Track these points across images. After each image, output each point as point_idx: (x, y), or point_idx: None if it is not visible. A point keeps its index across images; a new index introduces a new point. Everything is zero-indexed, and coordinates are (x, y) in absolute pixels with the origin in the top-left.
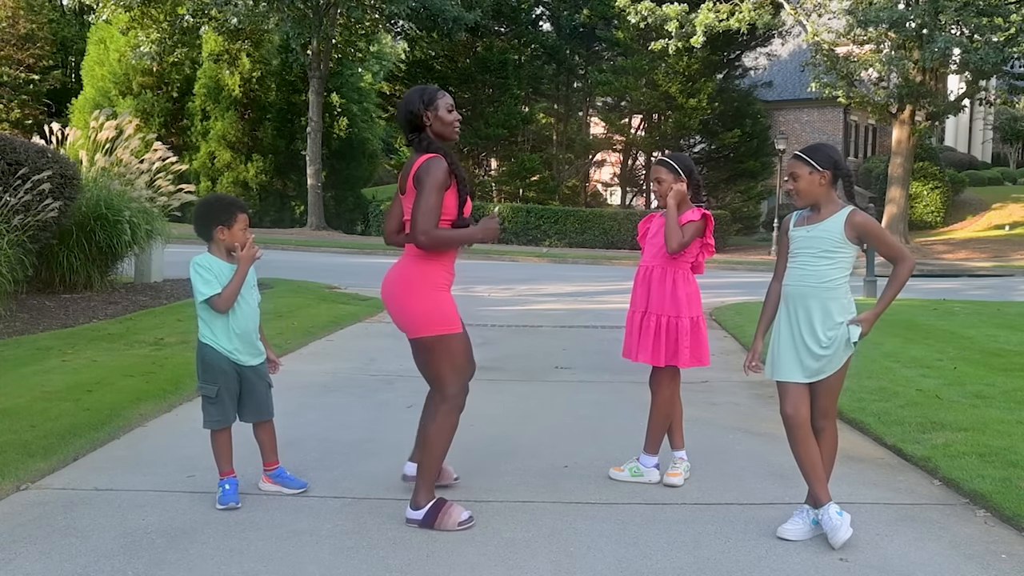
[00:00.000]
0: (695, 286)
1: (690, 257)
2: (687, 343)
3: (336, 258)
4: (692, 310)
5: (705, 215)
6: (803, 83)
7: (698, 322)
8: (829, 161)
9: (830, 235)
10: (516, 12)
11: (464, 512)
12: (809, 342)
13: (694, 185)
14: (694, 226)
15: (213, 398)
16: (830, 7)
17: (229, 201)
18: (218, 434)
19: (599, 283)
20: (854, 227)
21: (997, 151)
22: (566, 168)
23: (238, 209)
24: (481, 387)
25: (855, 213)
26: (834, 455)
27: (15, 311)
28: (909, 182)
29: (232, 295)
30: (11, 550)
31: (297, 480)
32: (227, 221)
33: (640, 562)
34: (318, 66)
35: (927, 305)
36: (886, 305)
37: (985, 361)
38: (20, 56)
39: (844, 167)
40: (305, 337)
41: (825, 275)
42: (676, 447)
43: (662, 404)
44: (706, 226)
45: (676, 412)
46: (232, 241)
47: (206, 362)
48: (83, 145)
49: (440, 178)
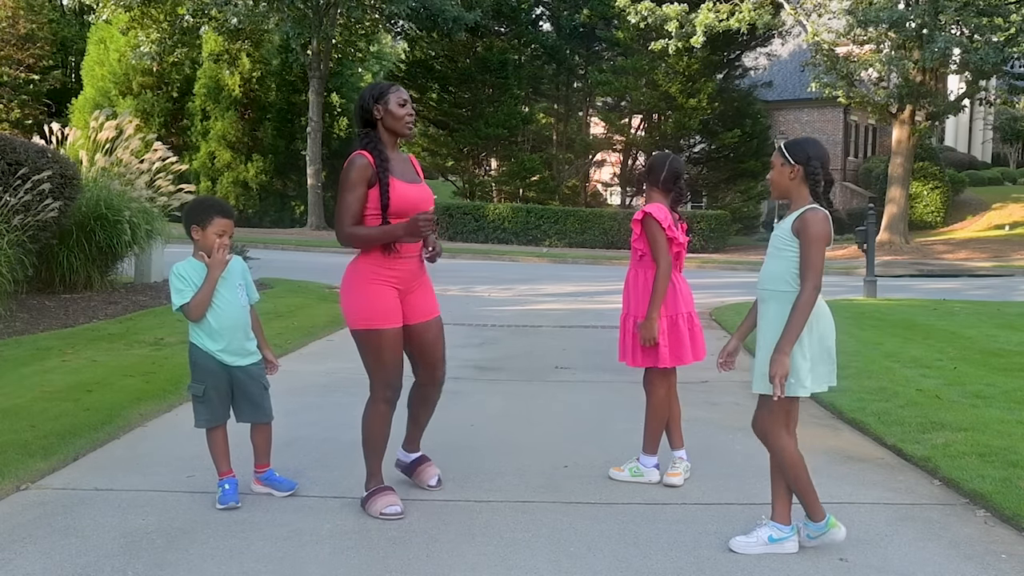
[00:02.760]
0: (674, 285)
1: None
2: (665, 342)
3: (336, 258)
4: (668, 309)
5: (646, 213)
6: (803, 83)
7: (676, 320)
8: (803, 156)
9: (783, 232)
10: (516, 12)
11: (392, 506)
12: (759, 346)
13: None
14: (639, 228)
15: (200, 397)
16: (830, 7)
17: (210, 203)
18: (211, 433)
19: (599, 283)
20: (797, 225)
21: (997, 151)
22: (566, 168)
23: (216, 212)
24: (481, 387)
25: (808, 211)
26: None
27: (15, 311)
28: (909, 182)
29: (202, 303)
30: (11, 550)
31: (287, 481)
32: (201, 221)
33: (640, 562)
34: (318, 66)
35: (927, 305)
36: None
37: (985, 361)
38: (20, 56)
39: (815, 165)
40: (305, 337)
41: (775, 275)
42: (675, 447)
43: (656, 404)
44: (653, 225)
45: (674, 412)
46: (204, 243)
47: (194, 362)
48: (83, 145)
49: (351, 177)
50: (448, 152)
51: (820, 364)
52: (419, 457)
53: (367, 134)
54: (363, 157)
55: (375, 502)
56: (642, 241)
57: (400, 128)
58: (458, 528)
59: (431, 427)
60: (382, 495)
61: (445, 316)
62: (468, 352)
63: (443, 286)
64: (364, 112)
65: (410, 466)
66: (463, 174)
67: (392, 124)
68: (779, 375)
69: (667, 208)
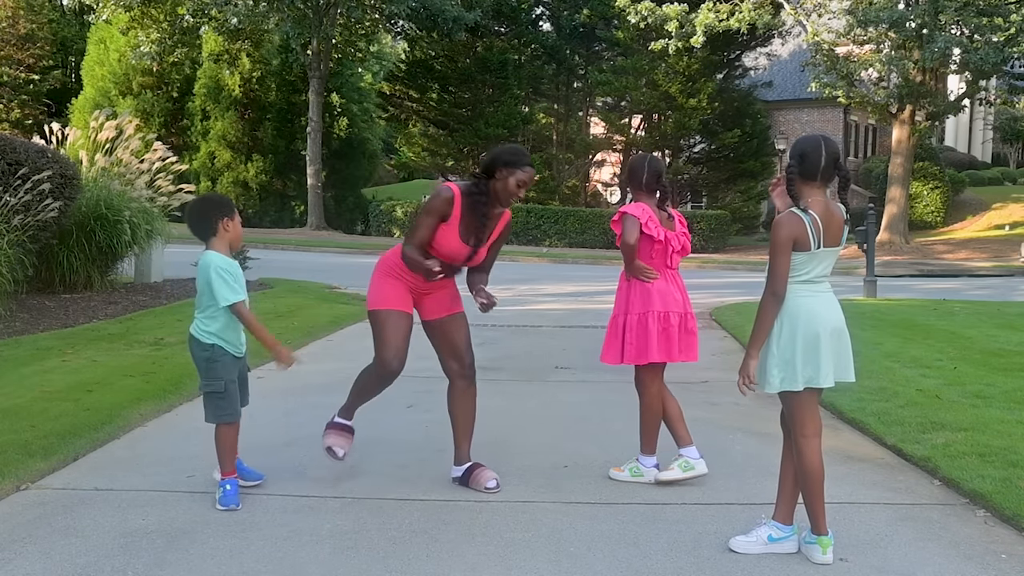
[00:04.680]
0: (652, 284)
1: (642, 256)
2: (631, 339)
3: (336, 258)
4: (638, 306)
5: (623, 213)
6: (803, 83)
7: (645, 319)
8: (792, 153)
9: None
10: (516, 12)
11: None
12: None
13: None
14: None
15: (223, 393)
16: (830, 7)
17: (224, 198)
18: (228, 428)
19: (599, 283)
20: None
21: (997, 151)
22: (566, 168)
23: (233, 206)
24: (481, 387)
25: (784, 214)
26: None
27: (15, 311)
28: (909, 182)
29: (251, 316)
30: (11, 550)
31: (254, 472)
32: (231, 213)
33: (640, 562)
34: (318, 66)
35: (927, 305)
36: (754, 343)
37: (985, 361)
38: (20, 56)
39: (792, 162)
40: (305, 337)
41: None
42: (680, 444)
43: (647, 403)
44: (624, 220)
45: (672, 410)
46: (236, 232)
47: (213, 360)
48: (83, 145)
49: (432, 204)
50: (448, 152)
51: (805, 365)
52: (471, 466)
53: (480, 183)
54: (450, 191)
55: (329, 435)
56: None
57: (504, 201)
58: (458, 528)
59: (431, 427)
60: (337, 432)
61: None
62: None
63: None
64: (490, 165)
65: (464, 477)
66: (463, 174)
67: (501, 193)
68: (741, 376)
69: (651, 207)
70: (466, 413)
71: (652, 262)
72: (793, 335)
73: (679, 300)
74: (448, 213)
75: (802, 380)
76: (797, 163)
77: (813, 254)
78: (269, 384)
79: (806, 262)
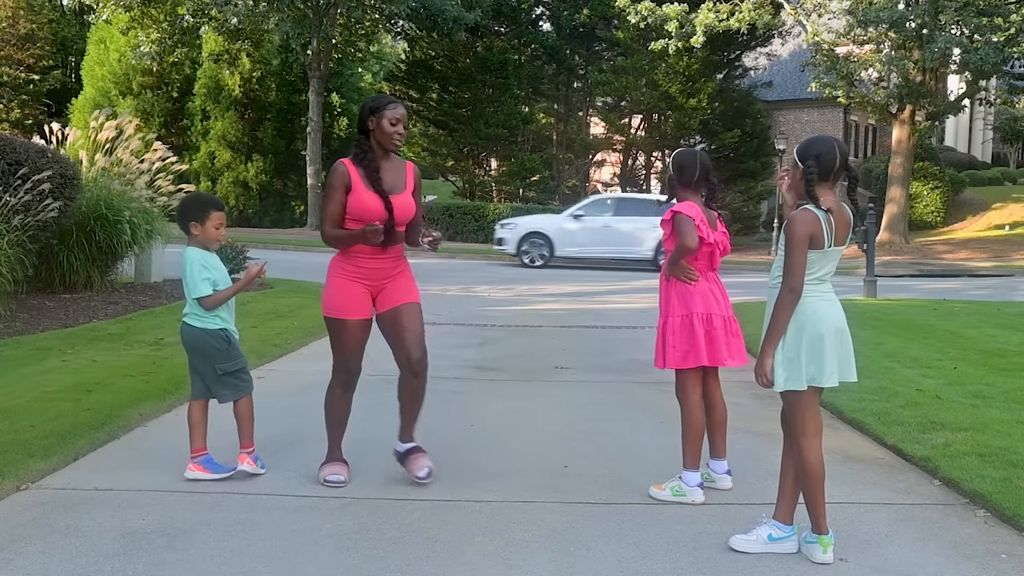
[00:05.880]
0: (694, 285)
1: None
2: (673, 342)
3: None
4: (682, 308)
5: (675, 212)
6: (803, 83)
7: (691, 320)
8: (803, 155)
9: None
10: (516, 12)
11: (336, 475)
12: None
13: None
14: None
15: (243, 368)
16: (830, 7)
17: (205, 199)
18: (246, 401)
19: (599, 283)
20: (786, 225)
21: (997, 151)
22: (566, 168)
23: (212, 207)
24: (481, 387)
25: (798, 211)
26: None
27: (15, 311)
28: (909, 182)
29: (220, 302)
30: (11, 550)
31: (224, 466)
32: (200, 217)
33: (640, 562)
34: (318, 66)
35: (927, 305)
36: (770, 341)
37: (985, 361)
38: (20, 56)
39: (811, 164)
40: (305, 337)
41: (775, 271)
42: (712, 454)
43: (689, 413)
44: (679, 222)
45: (716, 416)
46: (205, 236)
47: (227, 340)
48: (83, 145)
49: (330, 182)
50: (448, 152)
51: (809, 364)
52: (411, 447)
53: (359, 141)
54: (342, 165)
55: (324, 469)
56: (672, 241)
57: (387, 144)
58: (458, 528)
59: (431, 426)
60: (331, 464)
61: (445, 316)
62: (468, 352)
63: (443, 286)
64: (360, 120)
65: (403, 456)
66: (463, 174)
67: (381, 138)
68: (757, 374)
69: (700, 206)
70: (414, 400)
71: (696, 264)
72: (798, 335)
73: (721, 303)
74: (348, 182)
75: (806, 379)
76: (815, 164)
77: (825, 252)
78: (269, 384)
79: (818, 260)
